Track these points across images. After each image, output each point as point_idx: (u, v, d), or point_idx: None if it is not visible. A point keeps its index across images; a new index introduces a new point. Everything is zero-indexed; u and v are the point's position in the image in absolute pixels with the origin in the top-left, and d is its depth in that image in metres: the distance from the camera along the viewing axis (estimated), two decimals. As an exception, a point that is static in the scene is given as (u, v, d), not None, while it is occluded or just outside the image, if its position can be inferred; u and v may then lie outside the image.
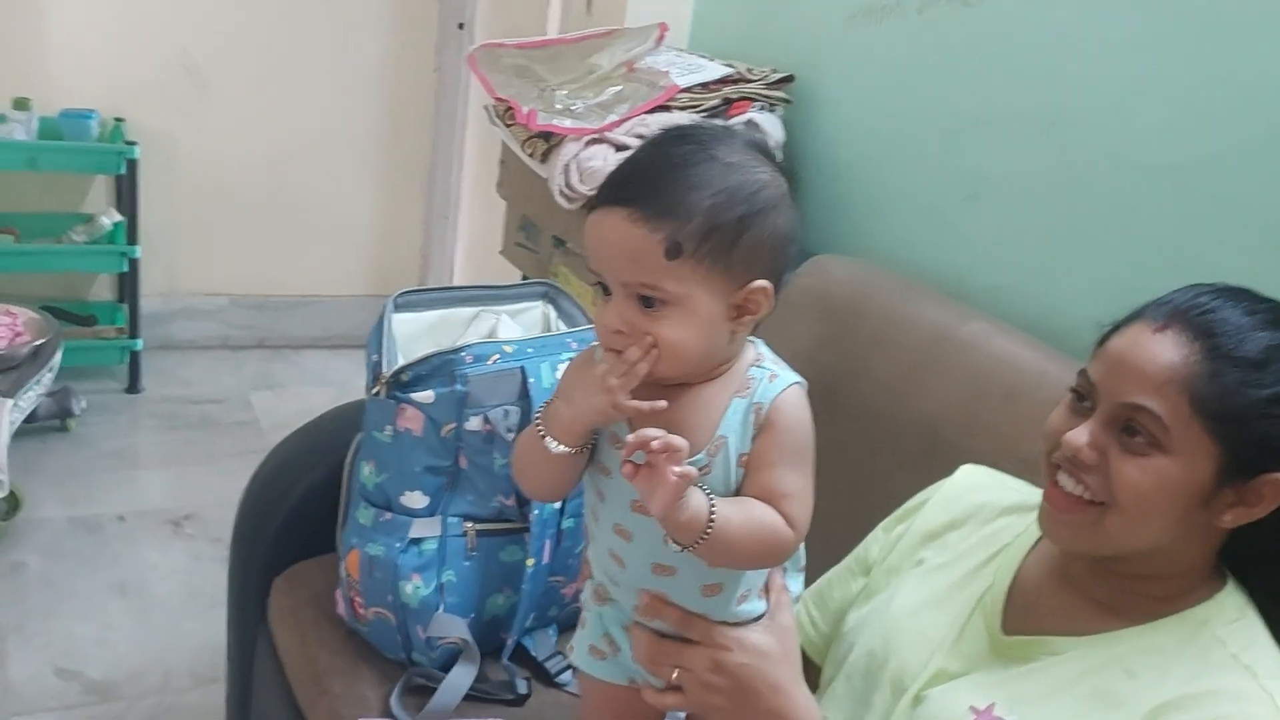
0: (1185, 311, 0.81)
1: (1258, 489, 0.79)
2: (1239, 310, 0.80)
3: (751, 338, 0.85)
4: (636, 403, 0.77)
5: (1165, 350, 0.79)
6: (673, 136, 0.80)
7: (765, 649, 0.85)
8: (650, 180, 0.76)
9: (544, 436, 0.81)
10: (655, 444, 0.72)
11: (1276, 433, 0.77)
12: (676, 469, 0.72)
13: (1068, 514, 0.83)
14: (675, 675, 0.86)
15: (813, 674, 1.01)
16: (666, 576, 0.84)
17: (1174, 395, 0.78)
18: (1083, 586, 0.88)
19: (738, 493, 0.82)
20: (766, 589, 0.89)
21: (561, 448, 0.80)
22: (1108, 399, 0.81)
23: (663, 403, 0.77)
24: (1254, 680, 0.77)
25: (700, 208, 0.75)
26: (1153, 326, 0.81)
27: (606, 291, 0.79)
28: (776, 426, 0.81)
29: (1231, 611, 0.83)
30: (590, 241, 0.79)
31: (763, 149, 0.80)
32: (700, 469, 0.79)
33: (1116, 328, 0.85)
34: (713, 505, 0.76)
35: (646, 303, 0.77)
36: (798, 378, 0.84)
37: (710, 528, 0.76)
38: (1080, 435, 0.82)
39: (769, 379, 0.82)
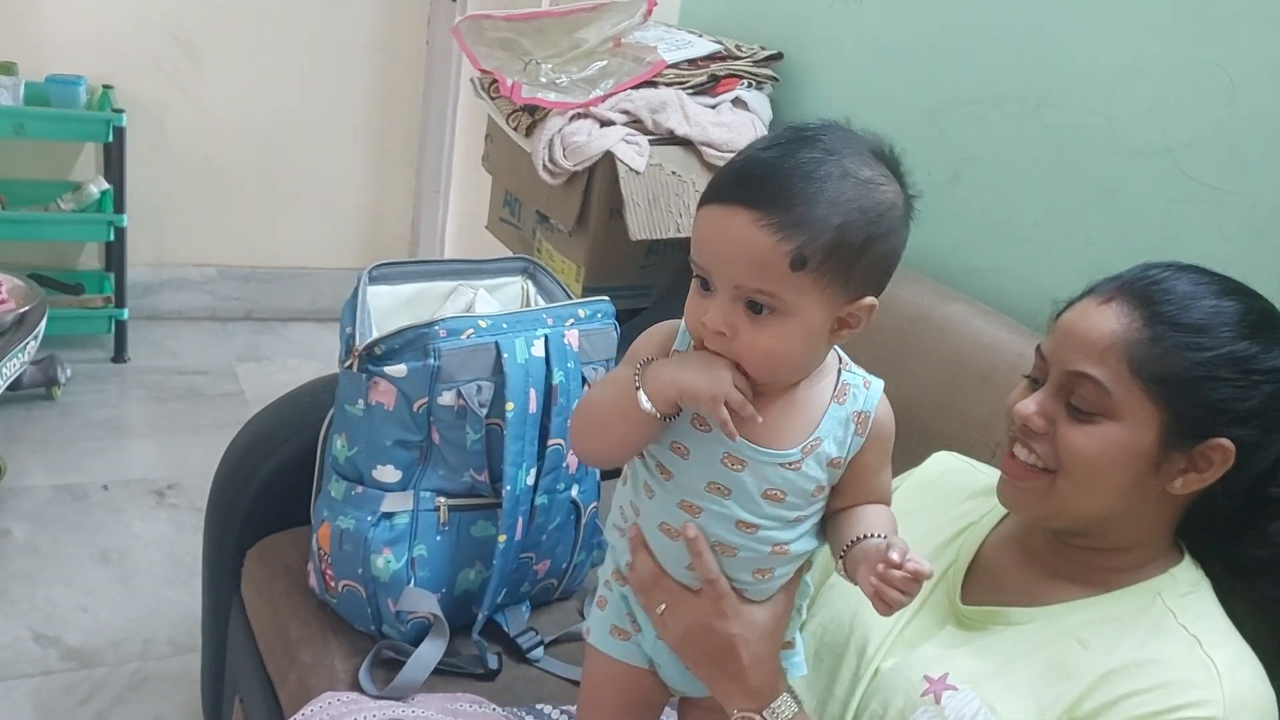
0: (1131, 284, 0.84)
1: (1206, 454, 0.81)
2: (1185, 281, 0.83)
3: None
4: (726, 417, 0.76)
5: (1108, 320, 0.83)
6: (800, 139, 0.76)
7: (760, 623, 0.86)
8: (782, 186, 0.73)
9: (639, 388, 0.79)
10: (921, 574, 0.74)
11: (1219, 396, 0.80)
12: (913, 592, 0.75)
13: (1021, 481, 0.87)
14: (660, 610, 0.86)
15: None
16: (727, 556, 0.84)
17: (1115, 361, 0.81)
18: (1042, 560, 0.91)
19: (832, 496, 0.84)
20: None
21: (649, 406, 0.79)
22: (1056, 369, 0.85)
23: (759, 418, 0.78)
24: (1198, 648, 0.79)
25: (831, 224, 0.73)
26: (1099, 299, 0.85)
27: (705, 285, 0.77)
28: (882, 437, 0.84)
29: (1184, 585, 0.85)
30: (705, 236, 0.76)
31: (888, 158, 0.78)
32: (791, 464, 0.80)
33: (1070, 304, 0.89)
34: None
35: (754, 308, 0.75)
36: (880, 380, 0.86)
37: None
38: (1029, 405, 0.86)
39: (864, 385, 0.84)
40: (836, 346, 0.84)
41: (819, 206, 0.73)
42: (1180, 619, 0.82)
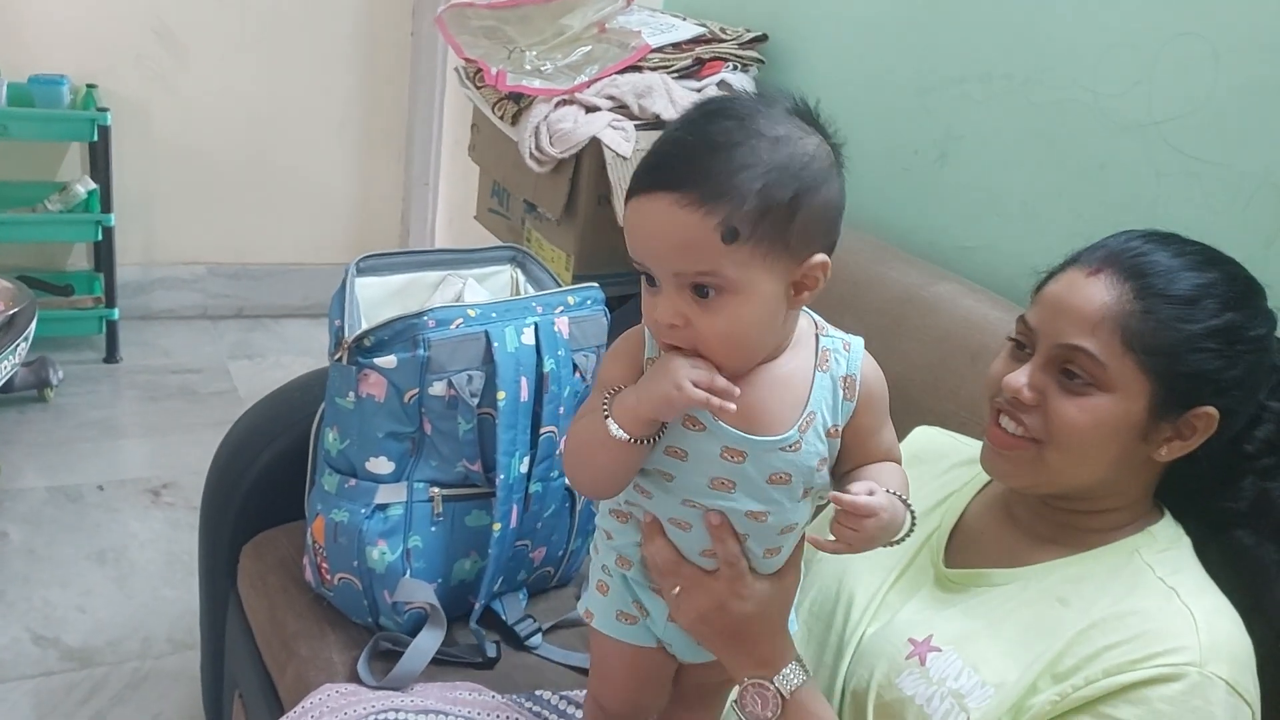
0: (1117, 255, 0.85)
1: (1190, 422, 0.83)
2: (1168, 253, 0.84)
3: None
4: (705, 394, 0.73)
5: (1099, 292, 0.83)
6: (710, 113, 0.75)
7: (772, 599, 0.86)
8: (695, 162, 0.71)
9: (607, 418, 0.77)
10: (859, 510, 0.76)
11: (1206, 366, 0.82)
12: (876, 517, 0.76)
13: (1009, 450, 0.87)
14: (675, 591, 0.85)
15: None
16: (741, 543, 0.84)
17: (1108, 334, 0.82)
18: (1023, 523, 0.92)
19: (837, 463, 0.83)
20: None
21: (621, 433, 0.76)
22: (1046, 341, 0.85)
23: (735, 389, 0.74)
24: (1176, 599, 0.81)
25: (753, 189, 0.70)
26: (1086, 270, 0.85)
27: (651, 281, 0.75)
28: (873, 396, 0.83)
29: (1163, 542, 0.87)
30: (634, 231, 0.75)
31: (805, 113, 0.76)
32: (791, 445, 0.79)
33: (1052, 274, 0.89)
34: (909, 505, 0.80)
35: (701, 292, 0.73)
36: (859, 338, 0.85)
37: (914, 519, 0.81)
38: (1019, 377, 0.86)
39: (844, 348, 0.82)
40: (811, 312, 0.83)
41: (737, 174, 0.71)
42: (1158, 572, 0.83)
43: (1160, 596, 0.81)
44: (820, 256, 0.75)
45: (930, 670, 0.85)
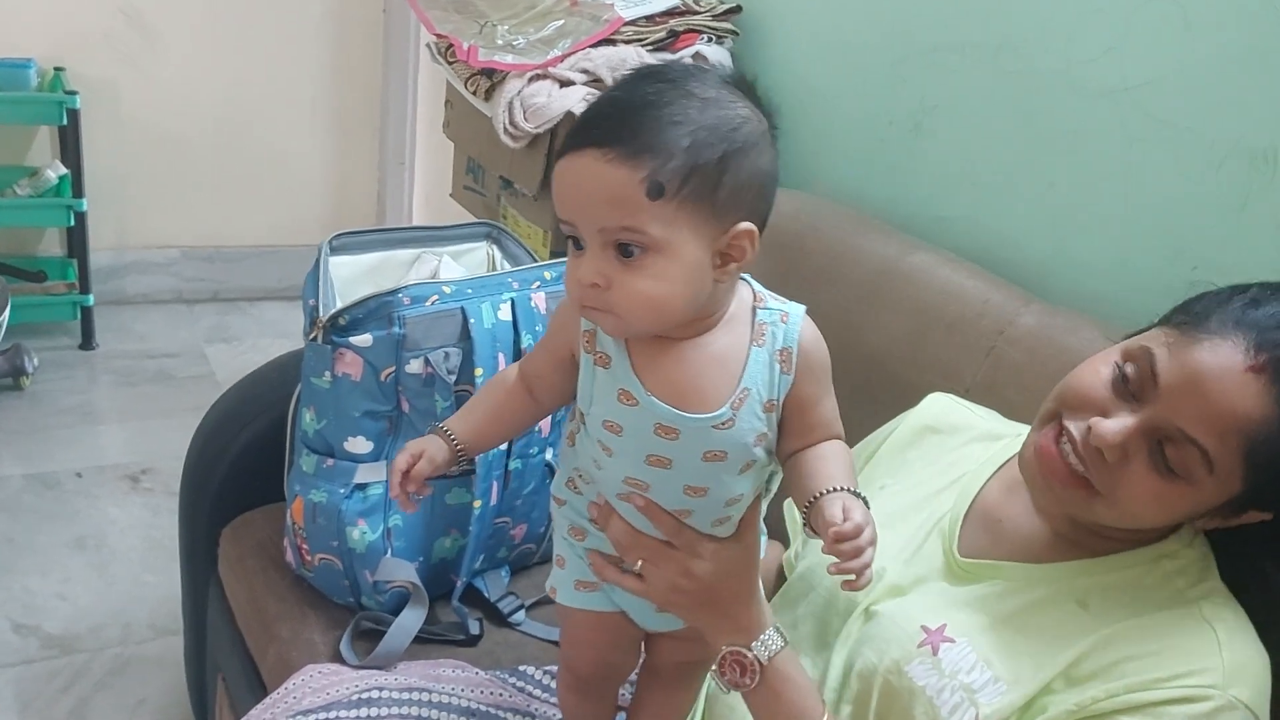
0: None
1: (1244, 518, 0.81)
2: None
3: (743, 275, 0.82)
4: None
5: (1250, 398, 0.75)
6: (643, 75, 0.75)
7: (733, 559, 0.85)
8: (624, 119, 0.71)
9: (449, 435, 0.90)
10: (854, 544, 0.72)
11: None
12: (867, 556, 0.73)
13: (1060, 485, 0.83)
14: (639, 566, 0.85)
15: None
16: (683, 518, 0.84)
17: (1234, 439, 0.75)
18: (1046, 515, 0.89)
19: (780, 438, 0.82)
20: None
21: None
22: (1164, 412, 0.77)
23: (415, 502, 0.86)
24: (1198, 614, 0.79)
25: (680, 145, 0.70)
26: (1246, 362, 0.75)
27: (578, 245, 0.75)
28: (812, 367, 0.80)
29: (1185, 554, 0.84)
30: (561, 188, 0.74)
31: (740, 85, 0.75)
32: (724, 423, 0.78)
33: (1204, 322, 0.79)
34: (864, 500, 0.77)
35: (625, 252, 0.72)
36: (799, 306, 0.82)
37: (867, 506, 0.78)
38: (1114, 434, 0.78)
39: (781, 320, 0.80)
40: (753, 282, 0.82)
41: (665, 130, 0.70)
42: (1178, 584, 0.82)
43: (1183, 612, 0.79)
44: (747, 224, 0.74)
45: (942, 661, 0.83)
